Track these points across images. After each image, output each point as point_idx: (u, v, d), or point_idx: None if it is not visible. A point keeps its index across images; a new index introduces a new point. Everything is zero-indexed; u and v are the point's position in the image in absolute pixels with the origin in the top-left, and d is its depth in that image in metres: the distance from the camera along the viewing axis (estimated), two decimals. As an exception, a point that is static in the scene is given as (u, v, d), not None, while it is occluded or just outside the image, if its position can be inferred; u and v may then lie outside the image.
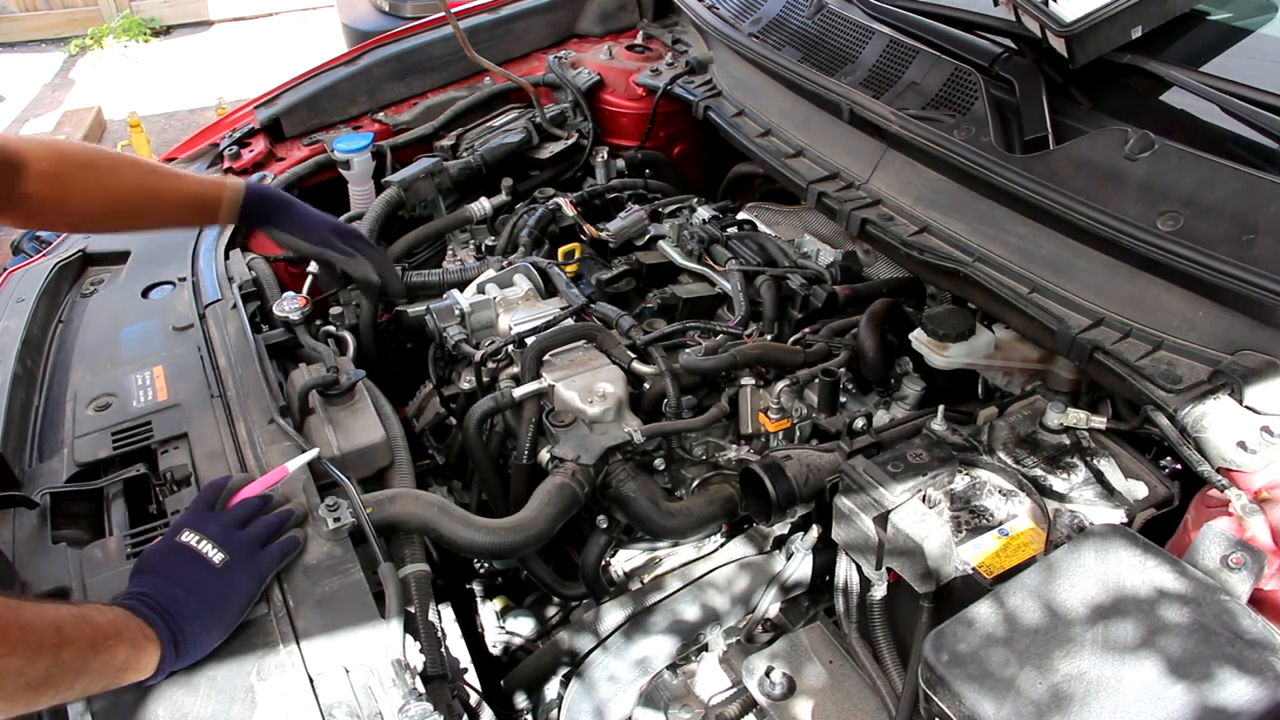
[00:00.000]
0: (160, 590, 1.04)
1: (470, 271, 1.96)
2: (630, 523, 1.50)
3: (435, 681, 1.16)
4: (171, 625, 1.01)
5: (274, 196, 1.52)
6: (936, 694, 0.97)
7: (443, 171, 2.27)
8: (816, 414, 1.60)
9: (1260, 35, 1.58)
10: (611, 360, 1.67)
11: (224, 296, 1.76)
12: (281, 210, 1.51)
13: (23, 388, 1.57)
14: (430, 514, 1.36)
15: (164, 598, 1.03)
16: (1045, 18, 1.50)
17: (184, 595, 1.04)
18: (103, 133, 5.90)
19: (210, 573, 1.08)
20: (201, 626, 1.04)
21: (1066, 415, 1.31)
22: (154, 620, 1.01)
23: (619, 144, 2.53)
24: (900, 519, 1.18)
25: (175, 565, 1.07)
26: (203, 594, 1.06)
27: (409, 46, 2.54)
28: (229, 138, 2.31)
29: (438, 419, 1.94)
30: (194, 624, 1.03)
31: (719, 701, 1.39)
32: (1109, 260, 1.39)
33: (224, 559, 1.09)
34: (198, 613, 1.04)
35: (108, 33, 7.42)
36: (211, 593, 1.07)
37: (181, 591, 1.04)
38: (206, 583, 1.07)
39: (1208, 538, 1.04)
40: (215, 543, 1.10)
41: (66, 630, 0.91)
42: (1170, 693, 0.89)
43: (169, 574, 1.06)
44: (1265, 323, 1.22)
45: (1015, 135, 1.56)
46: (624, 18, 2.79)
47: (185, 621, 1.03)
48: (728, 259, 1.91)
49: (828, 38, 1.98)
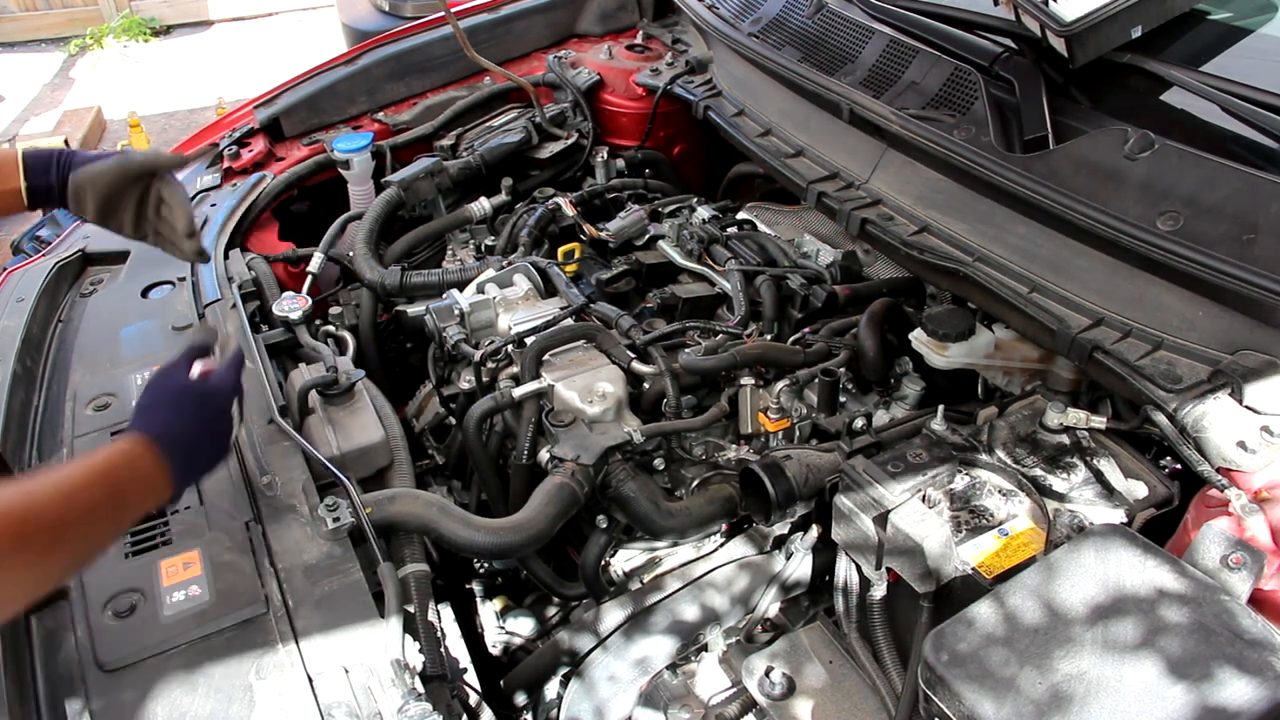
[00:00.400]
0: (140, 415, 1.08)
1: (470, 271, 1.96)
2: (630, 523, 1.50)
3: (435, 681, 1.16)
4: (163, 437, 1.05)
5: (56, 148, 1.40)
6: (936, 694, 0.97)
7: (442, 171, 2.27)
8: (816, 414, 1.59)
9: (1260, 35, 1.58)
10: (611, 360, 1.67)
11: (223, 296, 1.76)
12: (69, 152, 1.38)
13: (22, 387, 1.57)
14: (430, 514, 1.36)
15: (146, 417, 1.07)
16: (1045, 17, 1.50)
17: (164, 406, 1.09)
18: (103, 132, 5.90)
19: (187, 386, 1.14)
20: (191, 427, 1.09)
21: (1066, 415, 1.31)
22: (145, 438, 1.04)
23: (619, 144, 2.53)
24: (900, 519, 1.18)
25: (150, 394, 1.12)
26: (183, 401, 1.11)
27: (409, 46, 2.55)
28: (229, 137, 2.31)
29: (437, 419, 1.94)
30: (183, 427, 1.08)
31: (719, 701, 1.39)
32: (1109, 260, 1.39)
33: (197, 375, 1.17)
34: (186, 418, 1.09)
35: (108, 32, 7.42)
36: (193, 397, 1.12)
37: (161, 404, 1.10)
38: (184, 392, 1.13)
39: (1208, 538, 1.04)
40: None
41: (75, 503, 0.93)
42: (1170, 693, 0.89)
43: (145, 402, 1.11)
44: (1265, 323, 1.22)
45: (1015, 135, 1.56)
46: (624, 17, 2.79)
47: (175, 429, 1.07)
48: (727, 259, 1.91)
49: (828, 37, 1.98)
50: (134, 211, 1.37)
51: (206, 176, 2.22)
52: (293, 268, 2.14)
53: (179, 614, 1.12)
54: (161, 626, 1.11)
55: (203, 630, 1.11)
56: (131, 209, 1.37)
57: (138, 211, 1.38)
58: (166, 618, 1.12)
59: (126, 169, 1.34)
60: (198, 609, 1.13)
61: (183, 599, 1.14)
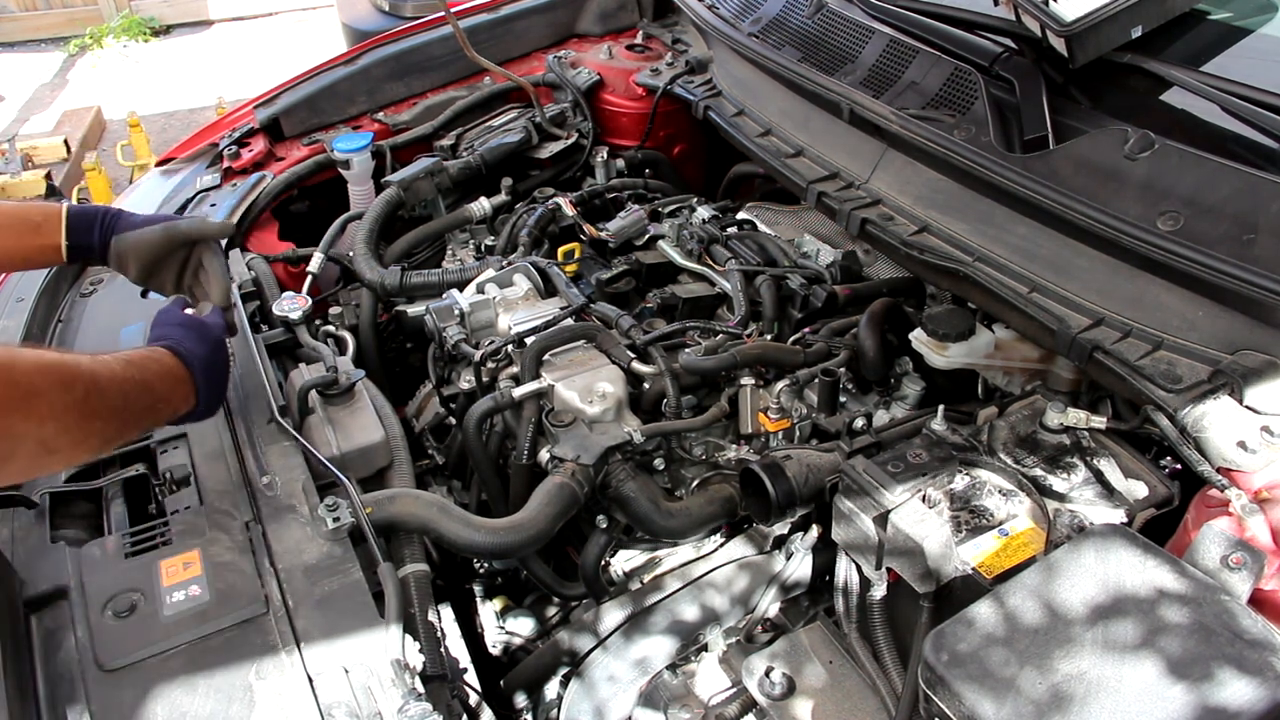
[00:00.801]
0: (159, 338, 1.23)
1: (470, 271, 1.96)
2: (630, 523, 1.50)
3: (435, 681, 1.16)
4: (183, 352, 1.21)
5: (101, 206, 1.46)
6: (936, 694, 0.97)
7: (442, 171, 2.27)
8: (816, 414, 1.59)
9: (1260, 35, 1.58)
10: (611, 360, 1.67)
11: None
12: (115, 212, 1.43)
13: (22, 387, 1.57)
14: (430, 514, 1.36)
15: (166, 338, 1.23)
16: (1045, 17, 1.50)
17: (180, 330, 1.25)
18: (103, 132, 5.90)
19: (190, 319, 1.30)
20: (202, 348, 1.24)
21: (1066, 415, 1.31)
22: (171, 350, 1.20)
23: (619, 144, 2.53)
24: (900, 519, 1.18)
25: (161, 326, 1.27)
26: (191, 327, 1.27)
27: (409, 46, 2.54)
28: (228, 137, 2.31)
29: (437, 419, 1.94)
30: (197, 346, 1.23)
31: (719, 701, 1.39)
32: (1109, 260, 1.39)
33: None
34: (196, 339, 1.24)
35: (107, 32, 7.42)
36: (198, 325, 1.28)
37: (176, 329, 1.25)
38: (190, 321, 1.29)
39: (1208, 538, 1.04)
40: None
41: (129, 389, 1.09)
42: (1170, 693, 0.89)
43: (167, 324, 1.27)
44: (1265, 323, 1.22)
45: (1015, 135, 1.56)
46: (624, 17, 2.79)
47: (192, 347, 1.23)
48: (727, 259, 1.91)
49: (828, 37, 1.98)
50: (175, 275, 1.45)
51: (206, 176, 2.22)
52: (293, 268, 2.14)
53: (179, 614, 1.12)
54: (161, 626, 1.11)
55: (203, 630, 1.11)
56: (173, 273, 1.45)
57: (179, 276, 1.46)
58: (166, 618, 1.12)
59: (172, 238, 1.42)
60: (198, 609, 1.13)
61: (183, 599, 1.14)
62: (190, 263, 1.44)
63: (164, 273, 1.44)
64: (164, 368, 1.18)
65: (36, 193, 4.70)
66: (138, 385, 1.10)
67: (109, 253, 1.40)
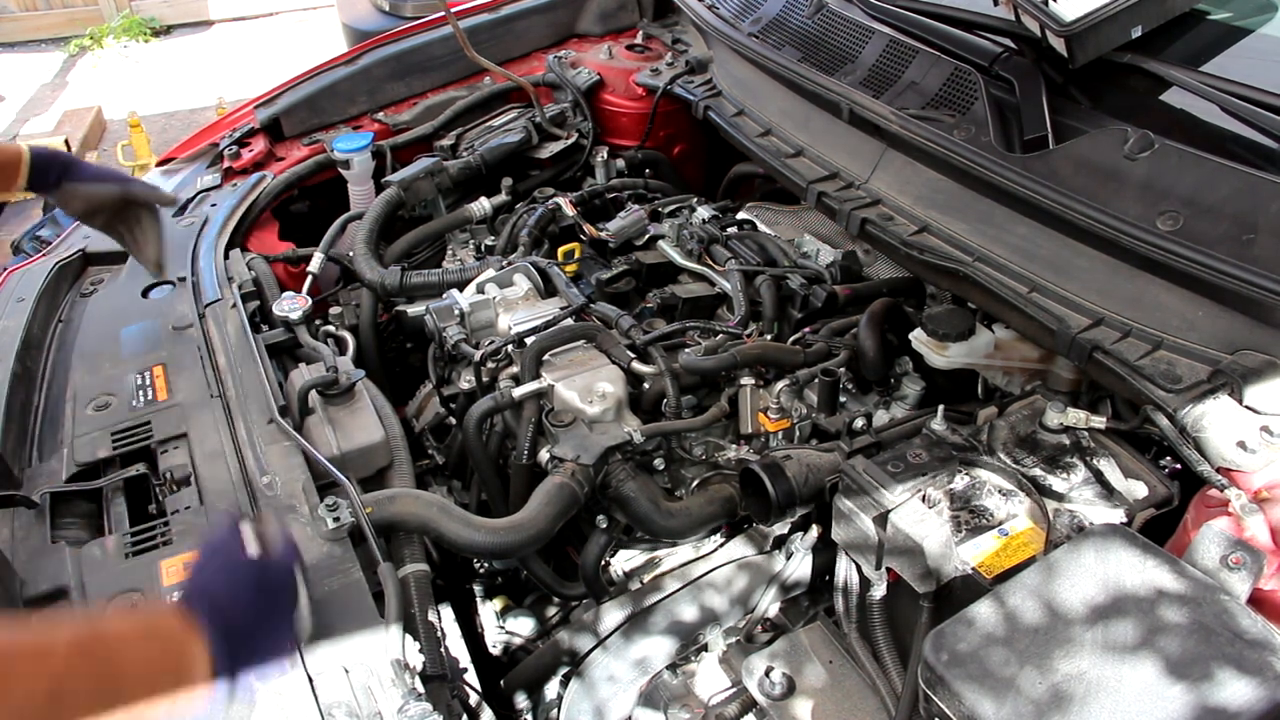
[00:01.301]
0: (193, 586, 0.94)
1: (470, 271, 1.96)
2: (630, 523, 1.50)
3: (435, 681, 1.16)
4: (207, 615, 0.88)
5: (62, 154, 1.55)
6: (936, 694, 0.97)
7: (443, 171, 2.27)
8: (816, 414, 1.59)
9: (1260, 35, 1.58)
10: (611, 360, 1.67)
11: (224, 296, 1.76)
12: (72, 163, 1.53)
13: (23, 387, 1.57)
14: (430, 514, 1.36)
15: (192, 595, 0.92)
16: (1045, 17, 1.50)
17: (215, 582, 0.93)
18: (103, 132, 5.90)
19: (243, 562, 0.98)
20: (244, 608, 0.93)
21: (1066, 415, 1.31)
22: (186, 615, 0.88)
23: (619, 144, 2.53)
24: (900, 519, 1.18)
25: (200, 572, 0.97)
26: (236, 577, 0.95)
27: (409, 46, 2.54)
28: (229, 137, 2.31)
29: (437, 419, 1.94)
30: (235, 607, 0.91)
31: (719, 701, 1.39)
32: (1109, 260, 1.39)
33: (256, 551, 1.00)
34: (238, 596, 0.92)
35: (108, 32, 7.42)
36: (250, 573, 0.96)
37: (210, 581, 0.93)
38: (238, 568, 0.97)
39: (1207, 538, 1.04)
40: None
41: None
42: (1170, 693, 0.89)
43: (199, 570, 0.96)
44: (1265, 323, 1.22)
45: (1015, 135, 1.56)
46: (624, 17, 2.79)
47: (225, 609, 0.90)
48: (727, 259, 1.91)
49: (828, 37, 1.98)
50: (109, 218, 1.55)
51: (206, 176, 2.22)
52: (293, 268, 2.14)
53: (179, 614, 1.12)
54: (161, 626, 1.11)
55: (203, 630, 1.10)
56: (107, 216, 1.54)
57: (111, 218, 1.55)
58: (166, 618, 1.12)
59: (121, 196, 1.52)
60: (198, 609, 1.13)
61: (183, 599, 1.14)
62: (130, 214, 1.55)
63: (99, 216, 1.53)
64: (156, 645, 0.86)
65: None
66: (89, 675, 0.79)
67: (60, 192, 1.50)
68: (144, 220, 1.55)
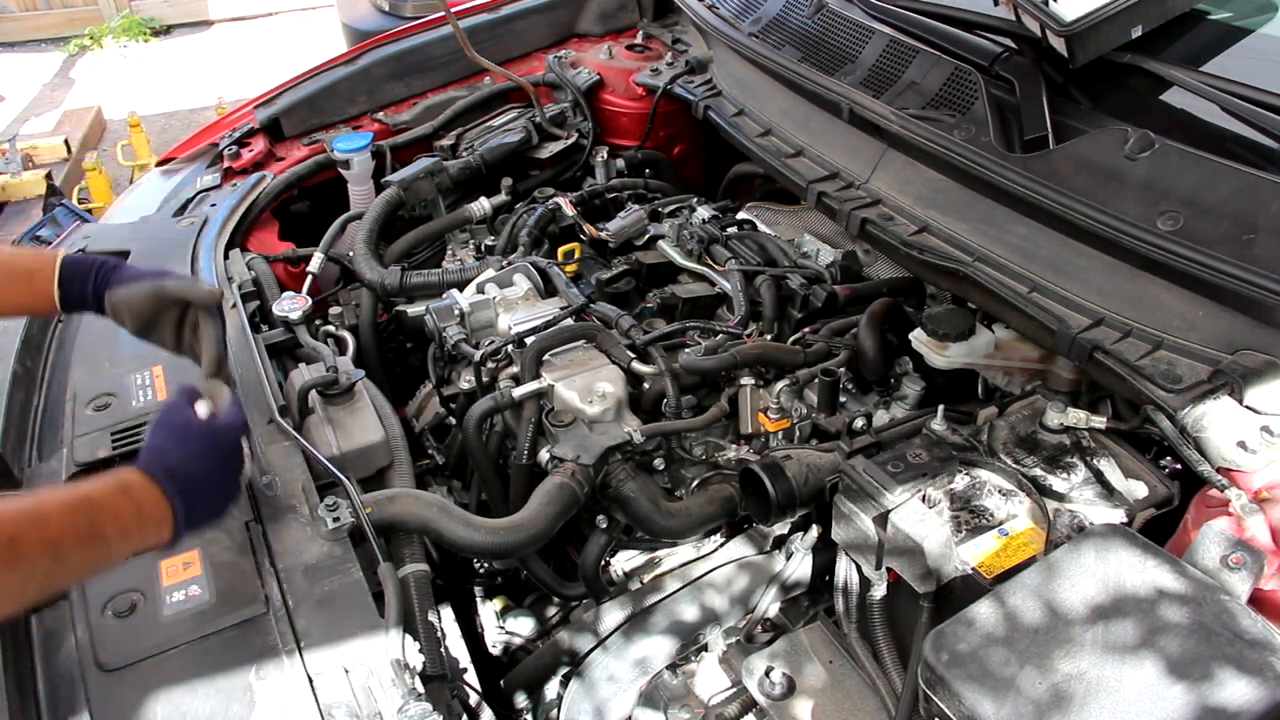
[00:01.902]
0: (145, 454, 1.03)
1: (470, 271, 1.96)
2: (630, 523, 1.50)
3: (435, 681, 1.16)
4: (165, 474, 1.00)
5: (95, 258, 1.36)
6: (936, 694, 0.97)
7: (442, 171, 2.27)
8: (816, 414, 1.59)
9: (1260, 35, 1.58)
10: (611, 360, 1.67)
11: (223, 296, 1.76)
12: (107, 265, 1.35)
13: (22, 387, 1.57)
14: (430, 514, 1.36)
15: (149, 455, 1.02)
16: (1045, 17, 1.50)
17: (170, 443, 1.05)
18: (103, 133, 5.90)
19: (194, 423, 1.09)
20: (199, 464, 1.04)
21: (1066, 415, 1.31)
22: (144, 474, 0.99)
23: (619, 144, 2.53)
24: (900, 519, 1.18)
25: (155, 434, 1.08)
26: (189, 437, 1.06)
27: (409, 46, 2.55)
28: (229, 137, 2.31)
29: (437, 419, 1.94)
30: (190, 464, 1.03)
31: (719, 701, 1.39)
32: (1109, 260, 1.39)
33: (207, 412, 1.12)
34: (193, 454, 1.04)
35: (107, 32, 7.42)
36: (200, 433, 1.08)
37: (166, 441, 1.05)
38: (190, 428, 1.08)
39: (1208, 538, 1.04)
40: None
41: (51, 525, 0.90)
42: (1170, 693, 0.89)
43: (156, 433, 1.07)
44: (1265, 322, 1.22)
45: (1015, 135, 1.56)
46: (624, 17, 2.79)
47: (180, 466, 1.02)
48: (727, 259, 1.91)
49: (828, 37, 1.98)
50: (173, 332, 1.37)
51: (206, 176, 2.23)
52: (293, 268, 2.14)
53: (179, 614, 1.12)
54: (161, 626, 1.11)
55: (202, 630, 1.11)
56: (170, 328, 1.37)
57: (176, 332, 1.37)
58: (166, 618, 1.12)
59: (159, 299, 1.33)
60: (198, 609, 1.13)
61: (183, 599, 1.14)
62: (187, 320, 1.38)
63: (162, 329, 1.37)
64: (129, 503, 0.98)
65: (37, 193, 4.70)
66: (77, 534, 0.92)
67: (104, 305, 1.33)
68: (200, 320, 1.35)
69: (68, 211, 3.27)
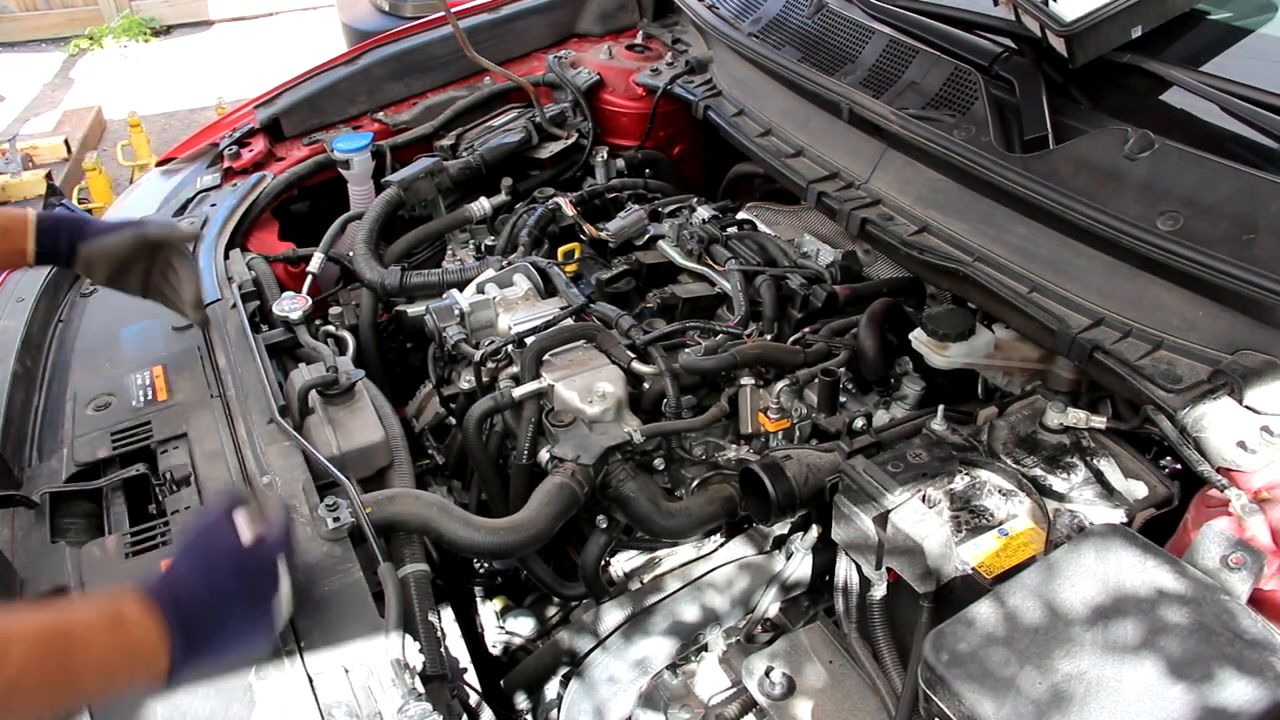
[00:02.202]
0: (166, 574, 0.91)
1: (470, 271, 1.96)
2: (630, 523, 1.50)
3: (435, 681, 1.16)
4: (170, 600, 0.87)
5: (68, 215, 1.40)
6: (936, 694, 0.97)
7: (442, 171, 2.27)
8: (816, 414, 1.59)
9: (1260, 35, 1.58)
10: (611, 360, 1.67)
11: (223, 296, 1.76)
12: (82, 221, 1.38)
13: (22, 387, 1.57)
14: (430, 514, 1.36)
15: (168, 577, 0.89)
16: (1045, 17, 1.50)
17: (189, 565, 0.91)
18: (103, 132, 5.90)
19: (226, 546, 0.95)
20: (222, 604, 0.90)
21: (1066, 415, 1.31)
22: (154, 601, 0.86)
23: (619, 144, 2.53)
24: (900, 519, 1.18)
25: (185, 549, 0.95)
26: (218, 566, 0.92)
27: (409, 46, 2.54)
28: (229, 137, 2.31)
29: (437, 419, 1.94)
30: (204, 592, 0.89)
31: (719, 701, 1.39)
32: (1109, 260, 1.39)
33: (250, 537, 0.99)
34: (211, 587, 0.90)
35: (107, 32, 7.42)
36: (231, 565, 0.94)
37: (190, 563, 0.91)
38: (222, 555, 0.94)
39: (1208, 538, 1.04)
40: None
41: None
42: (1170, 693, 0.89)
43: (178, 556, 0.94)
44: (1265, 322, 1.22)
45: (1015, 135, 1.56)
46: (624, 17, 2.79)
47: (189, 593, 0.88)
48: (727, 259, 1.91)
49: (828, 37, 1.98)
50: (142, 276, 1.40)
51: (206, 176, 2.22)
52: (293, 268, 2.14)
53: (179, 614, 1.12)
54: (161, 626, 1.11)
55: (203, 630, 1.10)
56: (139, 275, 1.40)
57: (145, 276, 1.41)
58: (166, 618, 1.12)
59: (140, 243, 1.37)
60: (198, 609, 1.13)
61: (183, 599, 1.14)
62: (158, 265, 1.42)
63: (131, 276, 1.40)
64: (117, 639, 0.84)
65: (37, 193, 4.71)
66: (43, 673, 0.78)
67: (76, 259, 1.35)
68: (175, 264, 1.39)
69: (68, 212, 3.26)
